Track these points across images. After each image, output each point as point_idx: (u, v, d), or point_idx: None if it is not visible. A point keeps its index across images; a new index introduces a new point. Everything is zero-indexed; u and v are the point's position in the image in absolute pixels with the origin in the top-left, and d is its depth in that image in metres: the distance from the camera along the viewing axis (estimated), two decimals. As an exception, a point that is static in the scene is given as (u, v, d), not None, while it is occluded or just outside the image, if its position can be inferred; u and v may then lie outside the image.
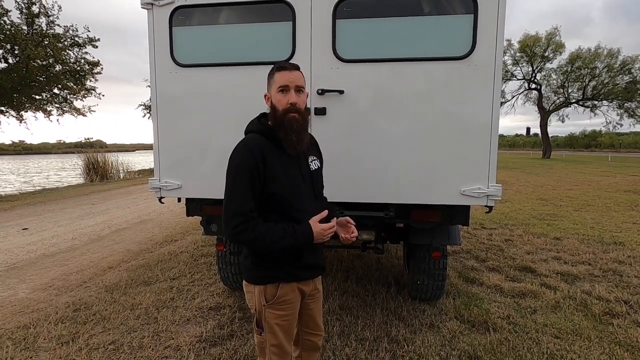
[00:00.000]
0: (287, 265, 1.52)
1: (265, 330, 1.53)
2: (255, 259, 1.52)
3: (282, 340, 1.54)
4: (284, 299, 1.52)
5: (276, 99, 1.47)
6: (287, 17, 2.36)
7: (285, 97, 1.45)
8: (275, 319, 1.52)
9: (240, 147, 1.47)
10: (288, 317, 1.55)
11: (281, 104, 1.46)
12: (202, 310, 3.15)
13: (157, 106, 2.55)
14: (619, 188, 10.94)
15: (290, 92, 1.45)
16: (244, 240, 1.43)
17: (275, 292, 1.51)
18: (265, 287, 1.51)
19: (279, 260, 1.51)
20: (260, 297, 1.51)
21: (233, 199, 1.42)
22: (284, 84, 1.45)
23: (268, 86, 1.53)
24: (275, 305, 1.51)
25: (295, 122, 1.45)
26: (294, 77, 1.47)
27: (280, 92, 1.46)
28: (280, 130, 1.46)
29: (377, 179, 2.40)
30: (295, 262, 1.53)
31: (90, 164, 16.36)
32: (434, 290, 3.11)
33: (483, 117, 2.26)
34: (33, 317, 3.07)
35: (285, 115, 1.45)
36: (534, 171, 17.59)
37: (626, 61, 28.16)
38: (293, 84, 1.46)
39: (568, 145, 68.50)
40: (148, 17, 2.48)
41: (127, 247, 5.24)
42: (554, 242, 5.17)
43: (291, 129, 1.44)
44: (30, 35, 13.70)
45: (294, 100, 1.45)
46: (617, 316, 2.97)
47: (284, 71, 1.47)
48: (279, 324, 1.53)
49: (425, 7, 2.37)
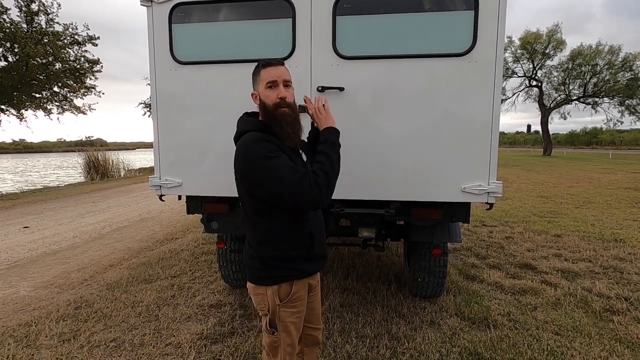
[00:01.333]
0: (299, 260, 1.52)
1: (279, 329, 1.52)
2: (266, 260, 1.50)
3: (295, 338, 1.56)
4: (297, 295, 1.53)
5: (265, 95, 1.47)
6: (287, 14, 2.35)
7: (274, 92, 1.46)
8: (290, 317, 1.52)
9: (257, 141, 1.42)
10: (300, 313, 1.56)
11: (270, 99, 1.46)
12: (202, 307, 3.16)
13: (157, 104, 2.55)
14: (619, 185, 10.93)
15: (279, 87, 1.46)
16: (325, 186, 1.38)
17: (289, 290, 1.50)
18: (279, 286, 1.50)
19: (291, 257, 1.50)
20: (274, 297, 1.50)
21: (285, 175, 1.36)
22: (271, 79, 1.46)
23: (254, 84, 1.53)
24: (289, 303, 1.51)
25: (287, 116, 1.46)
26: (280, 72, 1.47)
27: (268, 88, 1.46)
28: (275, 125, 1.46)
29: (377, 176, 2.39)
30: (308, 252, 1.52)
31: (90, 163, 16.34)
32: (434, 288, 3.11)
33: (484, 114, 2.25)
34: (34, 314, 3.08)
35: (276, 110, 1.45)
36: (535, 168, 17.57)
37: (627, 58, 28.05)
38: (280, 79, 1.46)
39: (569, 142, 68.36)
40: (147, 14, 2.47)
41: (128, 245, 5.25)
42: (555, 239, 5.17)
43: (285, 123, 1.45)
44: (30, 33, 13.68)
45: (283, 94, 1.46)
46: (618, 313, 2.97)
47: (269, 67, 1.47)
48: (292, 322, 1.53)
49: (426, 3, 2.36)
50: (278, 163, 1.37)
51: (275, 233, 1.49)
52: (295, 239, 1.50)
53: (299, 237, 1.51)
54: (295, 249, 1.50)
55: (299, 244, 1.51)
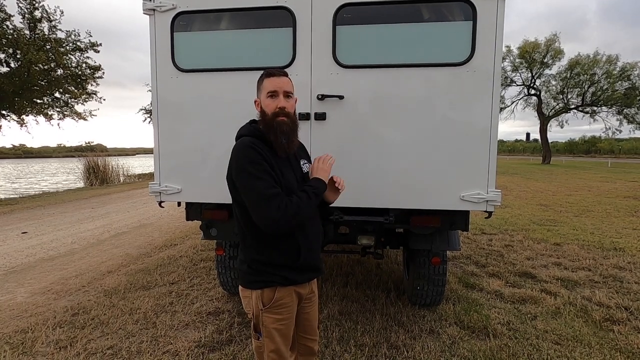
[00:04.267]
0: (284, 268, 1.53)
1: (262, 334, 1.53)
2: (252, 263, 1.53)
3: (280, 344, 1.54)
4: (281, 302, 1.52)
5: (265, 104, 1.53)
6: (287, 23, 2.38)
7: (274, 102, 1.51)
8: (273, 323, 1.52)
9: (243, 147, 1.47)
10: (285, 321, 1.55)
11: (270, 108, 1.51)
12: (201, 315, 3.14)
13: (157, 110, 2.56)
14: (618, 194, 10.94)
15: (279, 97, 1.51)
16: (291, 214, 1.39)
17: (272, 295, 1.51)
18: (262, 291, 1.52)
19: (276, 263, 1.51)
20: (257, 302, 1.52)
21: (261, 189, 1.39)
22: (272, 89, 1.51)
23: (258, 92, 1.59)
24: (272, 309, 1.52)
25: (284, 125, 1.50)
26: (282, 82, 1.52)
27: (269, 97, 1.52)
28: (271, 133, 1.50)
29: (376, 183, 2.40)
30: (294, 262, 1.53)
31: (90, 168, 16.35)
32: (433, 296, 3.10)
33: (482, 122, 2.27)
34: (31, 321, 3.06)
35: (274, 119, 1.50)
36: (534, 177, 17.60)
37: (625, 67, 28.29)
38: (281, 90, 1.51)
39: (568, 150, 68.53)
40: (150, 22, 2.50)
41: (127, 251, 5.23)
42: (554, 248, 5.16)
43: (281, 132, 1.49)
44: (33, 40, 13.79)
45: (282, 104, 1.51)
46: (618, 322, 2.96)
47: (272, 77, 1.53)
48: (276, 328, 1.53)
49: (425, 13, 2.39)
50: (256, 172, 1.42)
51: (261, 238, 1.51)
52: (281, 247, 1.51)
53: (285, 245, 1.51)
54: (281, 256, 1.52)
55: (285, 252, 1.52)
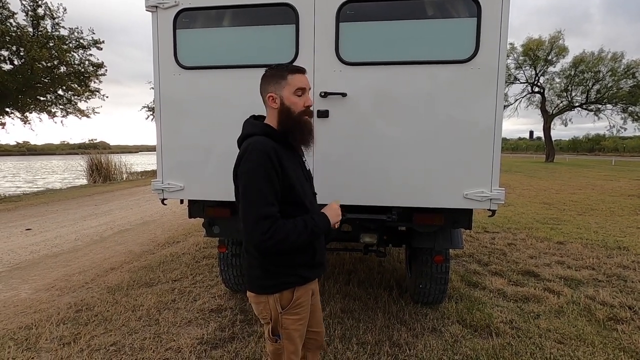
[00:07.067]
0: (300, 267, 1.51)
1: (282, 337, 1.51)
2: (268, 267, 1.47)
3: (299, 344, 1.55)
4: (299, 302, 1.52)
5: (291, 101, 1.47)
6: (290, 20, 2.37)
7: (301, 100, 1.49)
8: (293, 324, 1.51)
9: (254, 150, 1.39)
10: (303, 320, 1.55)
11: (298, 106, 1.48)
12: (203, 312, 3.15)
13: (160, 108, 2.56)
14: (623, 192, 10.87)
15: (307, 95, 1.50)
16: (275, 242, 1.34)
17: (291, 297, 1.49)
18: (281, 294, 1.48)
19: (292, 263, 1.49)
20: (275, 305, 1.48)
21: (256, 203, 1.35)
22: (302, 86, 1.48)
23: (276, 86, 1.47)
24: (291, 310, 1.50)
25: (309, 125, 1.51)
26: (307, 80, 1.52)
27: (296, 95, 1.48)
28: (297, 131, 1.48)
29: (379, 181, 2.39)
30: (310, 260, 1.53)
31: (93, 165, 16.40)
32: (436, 294, 3.09)
33: (486, 120, 2.25)
34: (35, 317, 3.08)
35: (301, 117, 1.49)
36: (537, 175, 17.52)
37: (630, 65, 28.08)
38: (308, 87, 1.51)
39: (571, 148, 68.18)
40: (152, 19, 2.50)
41: (130, 249, 5.26)
42: (558, 247, 5.14)
43: (308, 132, 1.50)
44: (36, 37, 13.83)
45: (309, 102, 1.51)
46: (621, 322, 2.94)
47: (299, 74, 1.49)
48: (296, 329, 1.52)
49: (429, 10, 2.37)
50: (259, 183, 1.36)
51: None
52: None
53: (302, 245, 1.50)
54: (299, 256, 1.49)
55: (302, 252, 1.49)
